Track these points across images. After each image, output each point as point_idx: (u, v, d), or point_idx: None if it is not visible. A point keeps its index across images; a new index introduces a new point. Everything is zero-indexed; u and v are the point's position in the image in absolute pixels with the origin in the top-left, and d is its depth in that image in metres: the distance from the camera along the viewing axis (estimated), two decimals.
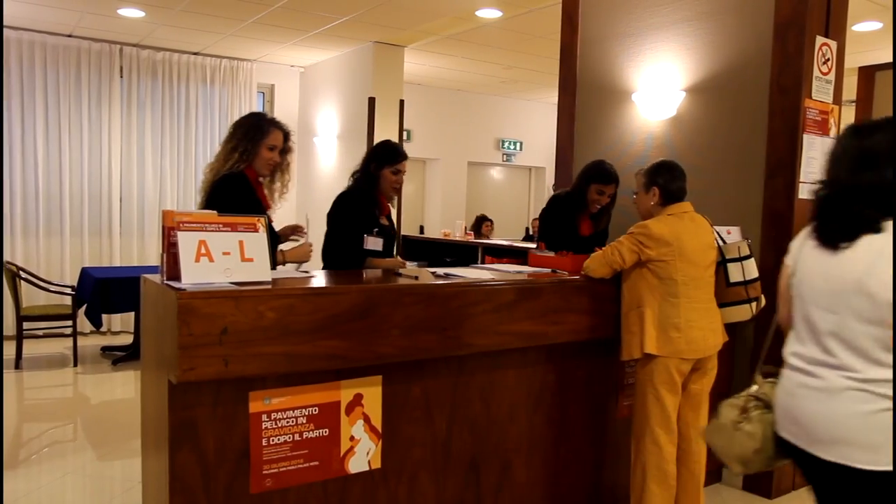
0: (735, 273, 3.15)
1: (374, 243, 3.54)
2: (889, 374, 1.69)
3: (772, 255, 3.78)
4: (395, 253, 3.79)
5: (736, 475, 2.20)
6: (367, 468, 2.66)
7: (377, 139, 7.50)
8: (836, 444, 1.74)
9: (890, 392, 1.69)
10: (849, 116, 7.95)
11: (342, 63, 8.00)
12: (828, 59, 3.82)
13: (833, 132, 3.88)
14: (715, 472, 3.95)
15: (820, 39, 3.75)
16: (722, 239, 3.25)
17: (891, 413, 1.68)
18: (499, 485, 3.02)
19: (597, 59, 4.70)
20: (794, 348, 1.90)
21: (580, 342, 3.16)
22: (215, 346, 2.18)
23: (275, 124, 3.31)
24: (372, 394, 2.65)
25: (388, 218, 3.74)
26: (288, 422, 2.48)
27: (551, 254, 3.52)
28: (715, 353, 3.09)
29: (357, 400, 2.62)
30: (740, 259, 3.18)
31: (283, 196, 3.46)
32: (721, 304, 3.14)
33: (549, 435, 3.17)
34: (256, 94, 8.53)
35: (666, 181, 3.06)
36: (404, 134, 7.99)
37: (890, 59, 7.17)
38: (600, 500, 3.42)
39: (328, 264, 3.57)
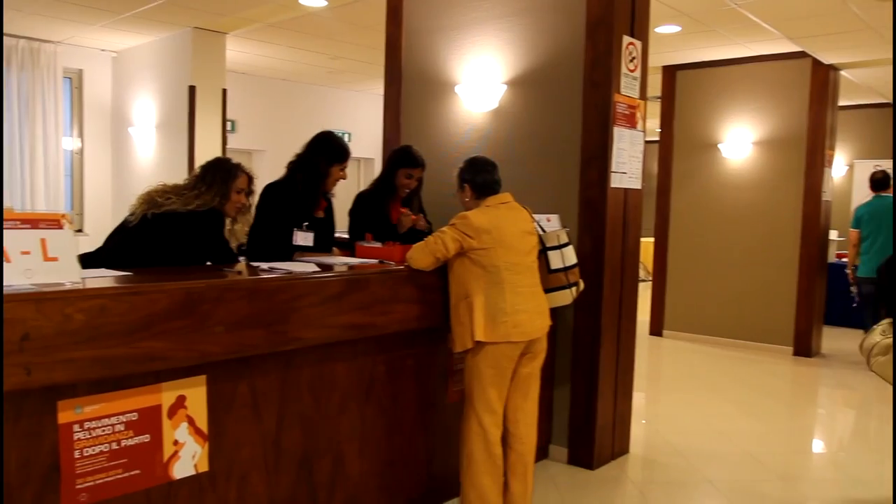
0: (555, 260, 3.34)
1: (304, 238, 3.50)
2: None
3: (588, 239, 4.01)
4: (331, 248, 3.77)
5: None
6: (193, 472, 2.54)
7: (199, 129, 7.19)
8: None
9: None
10: (654, 111, 8.60)
11: (159, 49, 7.57)
12: (634, 58, 4.09)
13: (640, 126, 4.17)
14: (541, 449, 4.14)
15: (626, 39, 4.01)
16: (542, 228, 3.41)
17: None
18: (332, 479, 3.00)
19: (421, 52, 4.76)
20: None
21: (409, 332, 3.19)
22: (15, 353, 2.00)
23: (241, 169, 3.49)
24: (196, 394, 2.54)
25: (327, 211, 3.74)
26: (104, 430, 2.32)
27: (378, 244, 3.54)
28: (543, 335, 3.23)
29: (180, 402, 2.50)
30: (560, 247, 3.38)
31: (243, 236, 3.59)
32: (544, 290, 3.29)
33: (381, 425, 3.19)
34: (62, 79, 7.89)
35: (473, 176, 3.21)
36: (228, 125, 7.70)
37: (688, 60, 7.81)
38: (433, 486, 3.49)
39: (253, 258, 3.48)
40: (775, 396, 6.02)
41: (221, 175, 3.40)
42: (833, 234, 8.56)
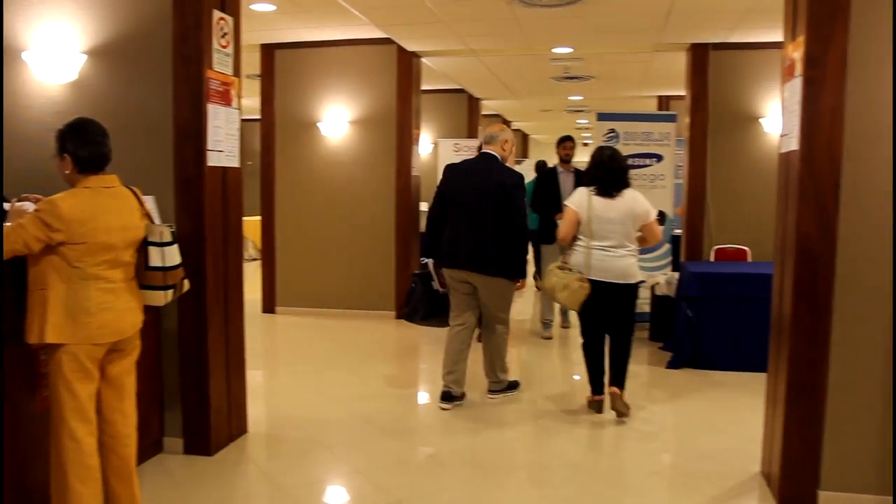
0: (155, 257, 3.02)
1: None
2: (632, 246, 4.58)
3: (187, 220, 3.86)
4: None
5: (574, 311, 4.70)
6: None
7: None
8: (625, 276, 4.53)
9: (633, 253, 4.58)
10: (253, 89, 8.59)
11: None
12: (226, 34, 4.01)
13: (235, 103, 4.11)
14: (155, 444, 3.93)
15: (217, 14, 3.91)
16: (151, 218, 3.11)
17: (635, 260, 4.60)
18: None
19: None
20: (596, 244, 4.53)
21: None
22: None
23: None
24: None
25: None
26: None
27: None
28: (135, 332, 3.00)
29: None
30: (161, 244, 3.05)
31: None
32: (140, 286, 3.03)
33: None
34: None
35: (76, 146, 2.79)
36: None
37: (286, 39, 7.91)
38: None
39: None
40: (383, 358, 6.49)
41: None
42: (423, 206, 9.45)
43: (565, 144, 7.20)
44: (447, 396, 4.97)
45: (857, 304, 3.30)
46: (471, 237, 4.75)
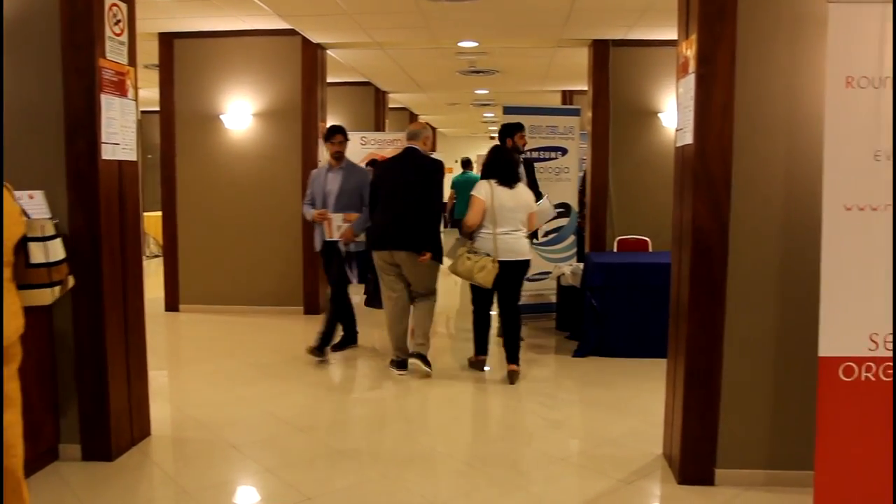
0: (37, 254, 2.87)
1: None
2: (524, 229, 5.38)
3: (81, 217, 3.69)
4: None
5: (488, 287, 5.22)
6: None
7: None
8: (525, 254, 5.33)
9: (525, 234, 5.40)
10: (151, 79, 8.28)
11: None
12: (119, 20, 3.85)
13: (131, 94, 3.95)
14: (50, 451, 3.76)
15: (109, 0, 3.75)
16: (26, 213, 2.96)
17: (527, 240, 5.42)
18: None
19: None
20: (501, 229, 5.22)
21: None
22: None
23: None
24: None
25: None
26: None
27: None
28: (17, 337, 2.79)
29: None
30: (43, 239, 2.90)
31: None
32: (20, 286, 2.85)
33: None
34: None
35: None
36: None
37: (186, 28, 7.66)
38: None
39: None
40: (290, 354, 6.38)
41: None
42: None
43: (522, 133, 6.39)
44: (400, 364, 5.63)
45: (748, 292, 3.47)
46: (399, 220, 5.28)
